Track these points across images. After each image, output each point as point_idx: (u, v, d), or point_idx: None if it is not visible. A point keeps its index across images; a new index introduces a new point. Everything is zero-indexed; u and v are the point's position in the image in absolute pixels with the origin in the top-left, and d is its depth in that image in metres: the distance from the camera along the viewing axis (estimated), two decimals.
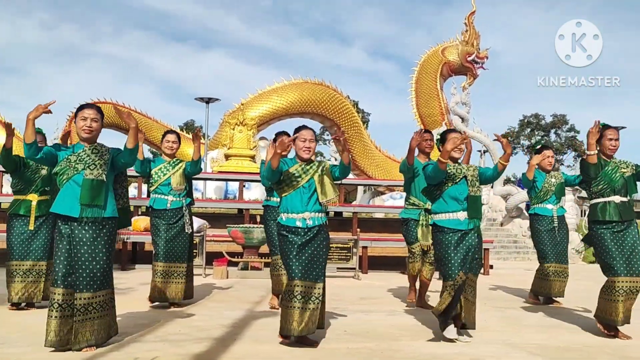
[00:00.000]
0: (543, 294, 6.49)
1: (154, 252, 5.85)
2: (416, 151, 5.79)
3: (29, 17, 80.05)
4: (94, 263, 3.93)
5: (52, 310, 3.90)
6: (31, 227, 5.41)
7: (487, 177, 4.74)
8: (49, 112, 3.94)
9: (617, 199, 4.76)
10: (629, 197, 4.82)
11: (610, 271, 4.72)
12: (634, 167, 4.93)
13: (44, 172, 5.47)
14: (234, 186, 17.12)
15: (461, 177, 4.54)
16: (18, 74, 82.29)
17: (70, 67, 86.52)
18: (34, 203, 5.44)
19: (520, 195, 15.07)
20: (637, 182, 5.04)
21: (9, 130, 4.78)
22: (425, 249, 5.83)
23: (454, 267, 4.40)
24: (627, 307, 4.65)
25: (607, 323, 4.73)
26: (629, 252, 4.70)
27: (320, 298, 4.22)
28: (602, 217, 4.75)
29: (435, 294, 6.62)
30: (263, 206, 6.04)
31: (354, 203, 19.63)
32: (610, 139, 4.80)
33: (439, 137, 4.85)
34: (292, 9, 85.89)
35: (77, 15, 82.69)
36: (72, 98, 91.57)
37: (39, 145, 4.00)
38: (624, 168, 4.85)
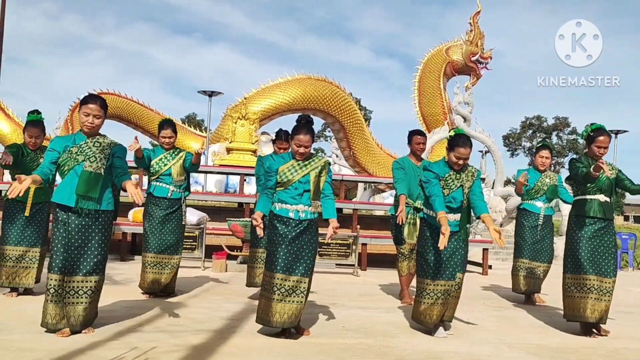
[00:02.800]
0: (519, 291, 6.53)
1: (144, 241, 5.78)
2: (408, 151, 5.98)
3: (33, 7, 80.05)
4: (87, 251, 4.06)
5: (49, 295, 4.03)
6: (27, 213, 5.40)
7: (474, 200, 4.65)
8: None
9: (601, 197, 4.97)
10: (611, 198, 5.01)
11: (579, 269, 4.89)
12: (617, 172, 5.09)
13: (41, 160, 5.45)
14: (234, 180, 17.13)
15: (458, 186, 4.58)
16: (21, 64, 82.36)
17: (74, 58, 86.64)
18: (31, 190, 5.42)
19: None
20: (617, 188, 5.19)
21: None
22: (413, 247, 5.89)
23: (437, 269, 4.49)
24: (602, 308, 4.78)
25: (579, 320, 4.88)
26: (603, 253, 4.87)
27: (305, 293, 4.23)
28: (587, 213, 4.93)
29: None
30: (257, 194, 5.89)
31: (354, 200, 19.65)
32: (599, 147, 4.95)
33: (451, 135, 4.64)
34: (296, 5, 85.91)
35: (81, 6, 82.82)
36: (74, 89, 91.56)
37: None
38: (609, 170, 4.95)
